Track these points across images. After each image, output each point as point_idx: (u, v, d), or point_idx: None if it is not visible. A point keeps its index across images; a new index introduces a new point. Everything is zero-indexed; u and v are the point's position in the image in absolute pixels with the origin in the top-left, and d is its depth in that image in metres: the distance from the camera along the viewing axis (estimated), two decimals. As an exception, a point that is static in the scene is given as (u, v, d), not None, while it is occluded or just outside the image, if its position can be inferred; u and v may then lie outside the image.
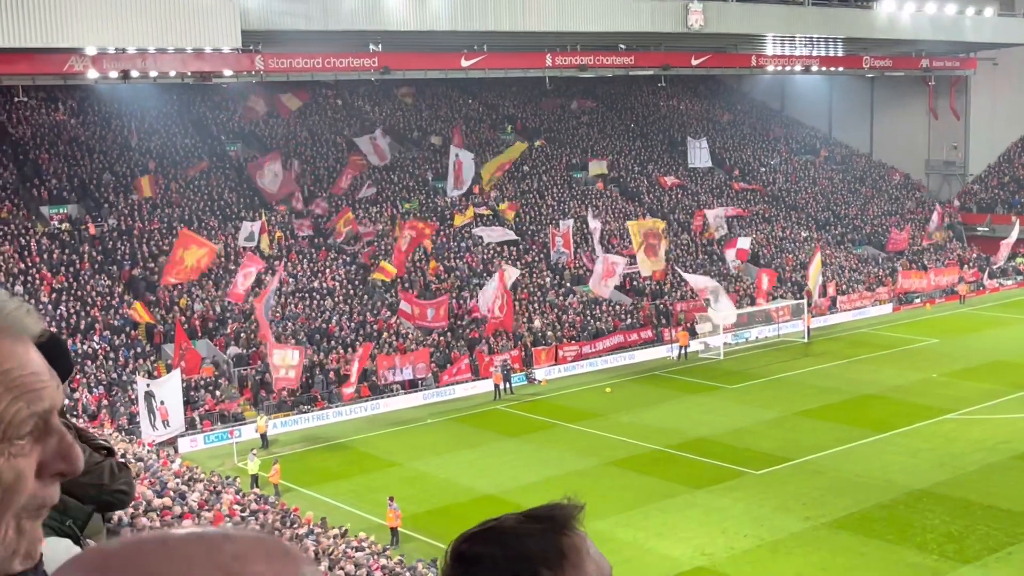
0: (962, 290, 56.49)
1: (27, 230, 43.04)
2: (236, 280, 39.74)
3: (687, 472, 30.71)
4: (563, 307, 46.84)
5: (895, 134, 71.39)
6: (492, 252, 49.79)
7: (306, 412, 37.36)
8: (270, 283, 39.82)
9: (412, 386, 40.00)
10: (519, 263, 48.56)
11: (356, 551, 22.07)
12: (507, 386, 40.66)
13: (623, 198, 59.25)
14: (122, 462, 2.95)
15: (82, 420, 31.03)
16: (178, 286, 40.68)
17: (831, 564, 24.06)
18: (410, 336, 42.13)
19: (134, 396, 34.09)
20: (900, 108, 70.65)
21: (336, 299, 43.62)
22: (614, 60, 53.87)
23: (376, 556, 22.17)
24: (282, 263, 43.34)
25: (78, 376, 34.38)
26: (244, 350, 39.43)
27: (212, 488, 25.16)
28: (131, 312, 39.38)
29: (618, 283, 47.27)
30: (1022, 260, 60.74)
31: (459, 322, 43.90)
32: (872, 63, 63.85)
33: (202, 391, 36.90)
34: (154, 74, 42.08)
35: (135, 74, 41.18)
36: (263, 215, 46.45)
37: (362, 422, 37.57)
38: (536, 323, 45.03)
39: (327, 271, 45.47)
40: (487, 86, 63.44)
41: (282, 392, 36.86)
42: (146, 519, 18.71)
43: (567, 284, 48.94)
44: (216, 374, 38.09)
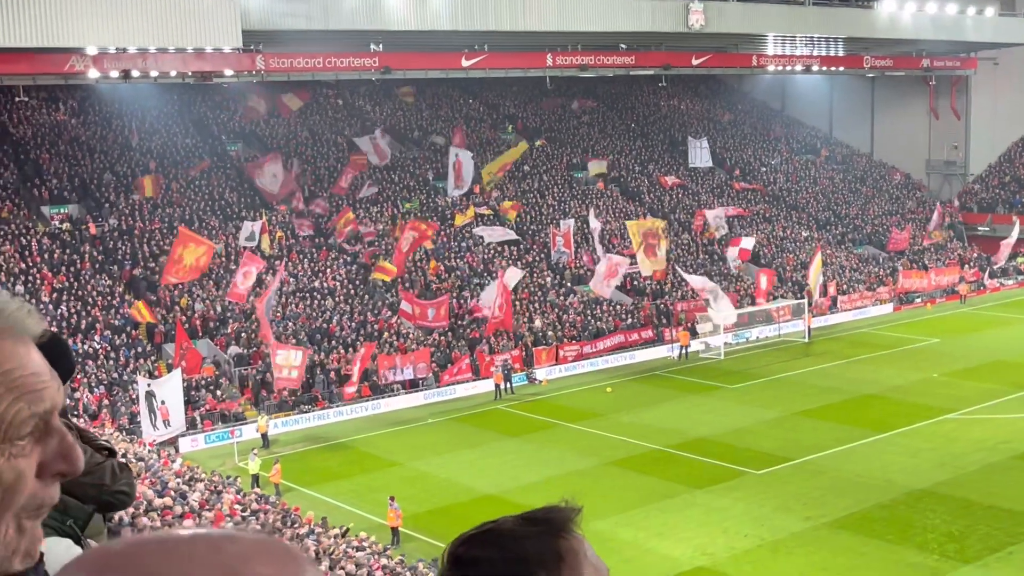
0: (963, 290, 56.47)
1: (28, 230, 43.05)
2: (235, 280, 39.75)
3: (688, 472, 30.71)
4: (564, 307, 46.84)
5: (896, 134, 71.37)
6: (493, 252, 49.78)
7: (307, 412, 37.38)
8: (271, 283, 39.84)
9: (413, 386, 40.01)
10: (520, 263, 48.55)
11: (357, 551, 22.08)
12: (508, 386, 40.66)
13: (624, 198, 59.25)
14: (123, 463, 2.95)
15: (83, 420, 31.02)
16: (179, 286, 40.67)
17: (832, 564, 24.06)
18: (411, 336, 42.13)
19: (135, 396, 34.12)
20: (901, 108, 70.63)
21: (337, 299, 43.62)
22: (615, 60, 53.87)
23: (377, 556, 22.18)
24: (283, 263, 43.35)
25: (79, 376, 34.39)
26: (245, 350, 39.44)
27: (213, 488, 25.17)
28: (132, 312, 39.40)
29: (619, 283, 47.29)
30: (1023, 260, 60.73)
31: (460, 322, 43.90)
32: (873, 63, 63.84)
33: (203, 391, 36.91)
34: (155, 74, 42.07)
35: (136, 74, 41.18)
36: (264, 215, 46.45)
37: (363, 422, 37.58)
38: (537, 323, 45.03)
39: (328, 271, 45.48)
40: (488, 86, 63.44)
41: (283, 392, 36.88)
42: (147, 519, 18.71)
43: (568, 284, 48.93)
44: (217, 374, 38.10)
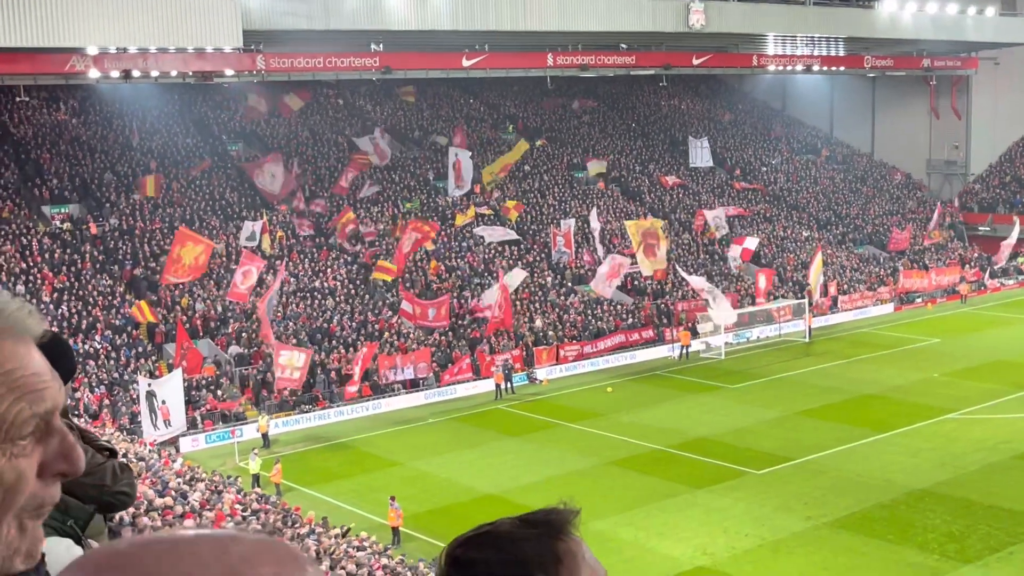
0: (963, 290, 56.46)
1: (28, 230, 43.05)
2: (235, 279, 39.74)
3: (688, 472, 30.71)
4: (564, 307, 46.83)
5: (896, 134, 71.35)
6: (493, 252, 49.78)
7: (307, 412, 37.38)
8: (273, 283, 39.83)
9: (413, 386, 40.02)
10: (520, 263, 48.57)
11: (357, 551, 22.08)
12: (508, 386, 40.66)
13: (624, 198, 59.25)
14: (124, 463, 2.94)
15: (84, 420, 31.03)
16: (179, 285, 40.67)
17: (832, 564, 24.06)
18: (411, 336, 42.14)
19: (135, 396, 34.12)
20: (901, 108, 70.62)
21: (337, 299, 43.63)
22: (615, 60, 53.87)
23: (377, 556, 22.18)
24: (283, 263, 43.34)
25: (79, 376, 34.40)
26: (245, 349, 39.45)
27: (213, 488, 25.16)
28: (134, 311, 39.41)
29: (619, 283, 47.29)
30: (1023, 260, 60.71)
31: (460, 322, 43.90)
32: (873, 63, 63.82)
33: (203, 390, 36.92)
34: (155, 74, 42.07)
35: (136, 74, 41.18)
36: (264, 215, 46.44)
37: (363, 421, 37.59)
38: (537, 323, 45.02)
39: (328, 271, 45.48)
40: (488, 86, 63.44)
41: (283, 392, 36.89)
42: (147, 519, 18.70)
43: (568, 284, 48.93)
44: (217, 374, 38.11)
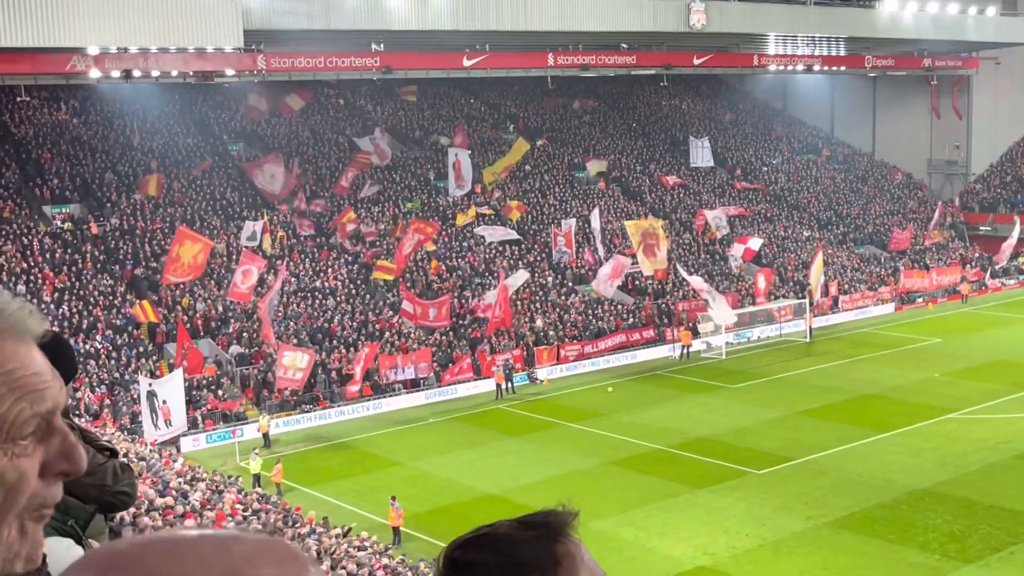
0: (964, 290, 56.45)
1: (29, 230, 43.07)
2: (235, 279, 39.73)
3: (689, 472, 30.71)
4: (565, 306, 46.84)
5: (897, 133, 71.34)
6: (494, 251, 49.79)
7: (308, 411, 37.39)
8: (274, 283, 39.83)
9: (414, 385, 40.03)
10: (521, 262, 48.58)
11: (358, 551, 22.08)
12: (509, 385, 40.67)
13: (625, 197, 59.25)
14: (125, 463, 2.94)
15: (84, 420, 31.04)
16: (180, 285, 40.68)
17: (833, 564, 24.05)
18: (412, 335, 42.14)
19: (136, 395, 34.12)
20: (902, 107, 70.60)
21: (338, 298, 43.64)
22: (616, 59, 53.84)
23: (378, 555, 22.18)
24: (284, 263, 43.34)
25: (80, 376, 34.41)
26: (246, 349, 39.45)
27: (214, 487, 25.17)
28: (135, 311, 39.41)
29: (620, 283, 47.29)
30: (1024, 260, 60.76)
31: (461, 321, 43.91)
32: (874, 62, 63.81)
33: (204, 390, 36.94)
34: (156, 74, 42.08)
35: (137, 74, 41.19)
36: (265, 215, 46.44)
37: (364, 421, 37.60)
38: (538, 322, 45.02)
39: (329, 270, 45.49)
40: (489, 85, 63.44)
41: (284, 392, 36.90)
42: (148, 518, 18.71)
43: (569, 283, 48.94)
44: (218, 373, 38.12)
